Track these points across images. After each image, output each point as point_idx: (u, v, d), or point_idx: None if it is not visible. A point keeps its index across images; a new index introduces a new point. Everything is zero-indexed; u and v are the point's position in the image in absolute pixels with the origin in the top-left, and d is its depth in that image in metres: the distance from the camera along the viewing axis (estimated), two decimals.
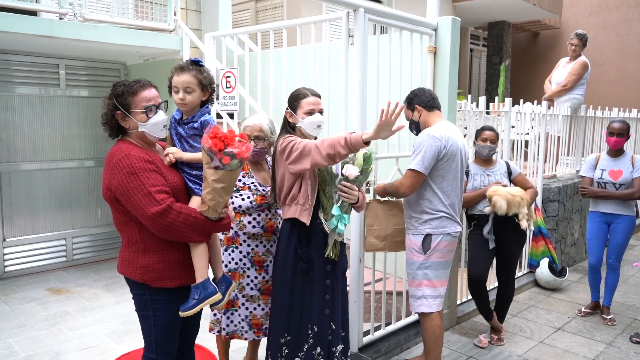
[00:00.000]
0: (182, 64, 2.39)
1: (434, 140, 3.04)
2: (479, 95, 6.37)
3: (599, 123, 7.39)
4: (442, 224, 3.14)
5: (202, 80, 2.35)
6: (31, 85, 5.40)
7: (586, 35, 6.78)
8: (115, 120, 2.23)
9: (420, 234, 3.16)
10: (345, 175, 2.61)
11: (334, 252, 2.69)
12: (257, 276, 3.00)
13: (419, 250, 3.16)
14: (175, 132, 2.39)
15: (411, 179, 3.07)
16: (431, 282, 3.16)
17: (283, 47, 3.83)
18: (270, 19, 7.65)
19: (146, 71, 5.71)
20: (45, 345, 3.80)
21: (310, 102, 2.70)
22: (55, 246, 5.67)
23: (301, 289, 2.71)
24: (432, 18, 3.91)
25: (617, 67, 10.27)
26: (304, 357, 2.73)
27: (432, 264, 3.15)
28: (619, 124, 4.37)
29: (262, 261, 3.00)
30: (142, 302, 2.29)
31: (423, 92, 3.27)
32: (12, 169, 5.33)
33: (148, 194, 2.10)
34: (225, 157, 2.08)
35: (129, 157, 2.13)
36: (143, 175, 2.12)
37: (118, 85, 2.22)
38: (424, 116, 3.22)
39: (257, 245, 3.00)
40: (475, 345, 3.98)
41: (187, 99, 2.33)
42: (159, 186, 2.13)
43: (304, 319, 2.72)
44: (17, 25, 4.20)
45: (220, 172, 2.12)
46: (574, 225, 6.38)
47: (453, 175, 3.16)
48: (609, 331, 4.33)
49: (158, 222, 2.11)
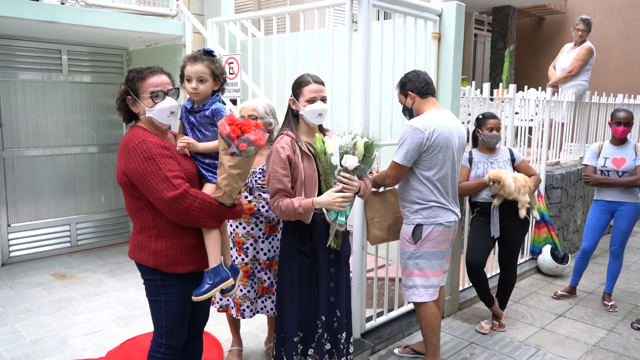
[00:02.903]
0: (195, 53, 2.42)
1: (416, 132, 2.96)
2: (483, 82, 6.33)
3: (603, 109, 7.34)
4: (433, 214, 3.07)
5: (215, 70, 2.40)
6: (34, 70, 5.39)
7: (591, 20, 6.71)
8: (126, 105, 2.27)
9: (411, 224, 3.12)
10: (345, 166, 2.54)
11: (335, 243, 2.68)
12: (237, 257, 3.06)
13: (410, 240, 3.12)
14: (187, 121, 2.42)
15: (395, 171, 3.05)
16: (422, 272, 3.12)
17: (286, 33, 3.81)
18: (273, 5, 7.59)
19: (148, 57, 5.69)
20: (51, 329, 3.85)
21: (312, 89, 2.64)
22: (59, 232, 5.71)
23: (308, 284, 2.72)
24: (437, 3, 3.87)
25: (623, 52, 10.16)
26: (315, 347, 2.76)
27: (423, 253, 3.11)
28: (625, 113, 4.34)
29: (242, 242, 3.06)
30: (153, 287, 2.32)
31: (417, 76, 3.14)
32: (15, 155, 5.34)
33: (165, 179, 2.13)
34: (242, 143, 2.13)
35: (146, 142, 2.17)
36: (160, 161, 2.15)
37: (131, 71, 2.26)
38: (417, 103, 3.13)
39: (237, 226, 3.07)
40: (477, 332, 4.00)
41: (199, 89, 2.36)
42: (175, 172, 2.17)
43: (313, 312, 2.74)
44: (20, 10, 4.18)
45: (237, 159, 2.17)
46: (577, 212, 6.37)
47: (442, 165, 3.04)
48: (611, 317, 4.35)
49: (174, 206, 2.14)
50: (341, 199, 2.52)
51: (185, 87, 2.40)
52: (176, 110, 2.29)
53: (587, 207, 6.45)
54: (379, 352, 3.62)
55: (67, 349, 3.55)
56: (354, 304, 3.54)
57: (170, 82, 2.28)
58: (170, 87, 2.27)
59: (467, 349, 3.74)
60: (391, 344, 3.73)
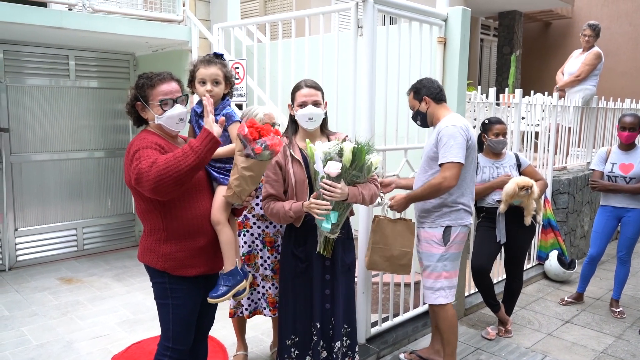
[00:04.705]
0: (207, 57, 2.45)
1: (462, 131, 3.03)
2: (489, 86, 6.31)
3: (610, 114, 7.31)
4: (459, 216, 3.16)
5: (226, 73, 2.45)
6: (41, 76, 5.43)
7: (599, 26, 6.67)
8: (136, 110, 2.30)
9: (440, 226, 3.15)
10: (327, 172, 2.45)
11: (325, 250, 2.63)
12: (270, 256, 3.12)
13: (440, 242, 3.15)
14: (198, 126, 2.44)
15: (455, 169, 2.99)
16: (449, 273, 3.18)
17: (292, 38, 3.82)
18: (279, 10, 7.62)
19: (155, 62, 5.72)
20: (57, 333, 3.86)
21: (303, 94, 2.65)
22: (66, 236, 5.73)
23: (303, 289, 2.72)
24: (442, 8, 3.87)
25: (630, 57, 10.11)
26: (311, 354, 2.75)
27: (450, 255, 3.17)
28: (630, 118, 4.31)
29: (274, 241, 3.11)
30: (161, 290, 2.33)
31: (432, 83, 3.23)
32: (23, 159, 5.37)
33: (144, 158, 2.09)
34: (258, 147, 2.16)
35: (146, 139, 2.20)
36: (146, 151, 2.13)
37: (141, 77, 2.28)
38: (432, 108, 3.20)
39: (267, 226, 3.11)
40: (483, 337, 3.98)
41: (214, 91, 2.40)
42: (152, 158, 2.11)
43: (308, 318, 2.73)
44: (27, 16, 4.22)
45: (250, 161, 2.20)
46: (584, 218, 6.33)
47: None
48: (618, 324, 4.31)
49: (146, 176, 2.05)
50: (315, 205, 2.48)
51: (198, 90, 2.42)
52: (185, 117, 2.31)
53: (594, 213, 6.40)
54: (384, 357, 3.60)
55: (73, 353, 3.56)
56: (358, 309, 3.52)
57: (179, 89, 2.30)
58: (180, 94, 2.29)
59: (473, 354, 3.72)
60: (396, 349, 3.71)
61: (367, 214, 3.40)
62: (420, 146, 3.70)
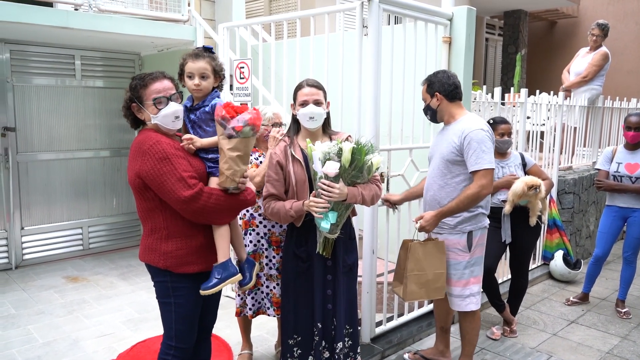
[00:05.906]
0: (196, 51, 2.44)
1: (490, 135, 2.97)
2: (494, 86, 6.30)
3: (616, 114, 7.27)
4: (478, 219, 3.07)
5: (215, 67, 2.42)
6: (47, 75, 5.45)
7: (608, 26, 6.62)
8: (132, 112, 2.30)
9: (462, 232, 3.05)
10: (325, 172, 2.43)
11: (325, 250, 2.63)
12: (275, 256, 3.13)
13: (464, 248, 3.07)
14: (188, 119, 2.43)
15: (490, 176, 2.93)
16: (477, 278, 3.12)
17: (296, 38, 3.82)
18: (284, 9, 7.62)
19: (160, 62, 5.74)
20: (63, 332, 3.88)
21: (304, 93, 2.64)
22: (72, 235, 5.76)
23: (304, 289, 2.71)
24: (448, 8, 3.87)
25: (636, 56, 10.05)
26: (314, 354, 2.75)
27: (476, 260, 3.11)
28: (636, 118, 4.29)
29: (279, 241, 3.11)
30: (163, 289, 2.34)
31: (447, 78, 3.02)
32: (29, 158, 5.40)
33: (181, 179, 2.16)
34: (238, 125, 2.16)
35: (160, 143, 2.19)
36: (175, 161, 2.18)
37: (134, 79, 2.28)
38: (444, 106, 3.05)
39: (273, 225, 3.12)
40: (488, 337, 3.97)
41: (202, 85, 2.38)
42: (190, 172, 2.20)
43: (309, 317, 2.73)
44: (33, 16, 4.24)
45: (234, 140, 2.19)
46: (590, 218, 6.31)
47: None
48: (624, 324, 4.29)
49: (191, 205, 2.17)
50: (313, 203, 2.49)
51: (187, 84, 2.41)
52: (181, 114, 2.29)
53: (599, 213, 6.38)
54: (389, 357, 3.60)
55: (79, 351, 3.58)
56: (363, 309, 3.53)
57: (173, 87, 2.29)
58: (173, 91, 2.28)
59: (478, 354, 3.71)
60: (401, 349, 3.71)
61: (372, 215, 3.40)
62: (425, 146, 3.69)
